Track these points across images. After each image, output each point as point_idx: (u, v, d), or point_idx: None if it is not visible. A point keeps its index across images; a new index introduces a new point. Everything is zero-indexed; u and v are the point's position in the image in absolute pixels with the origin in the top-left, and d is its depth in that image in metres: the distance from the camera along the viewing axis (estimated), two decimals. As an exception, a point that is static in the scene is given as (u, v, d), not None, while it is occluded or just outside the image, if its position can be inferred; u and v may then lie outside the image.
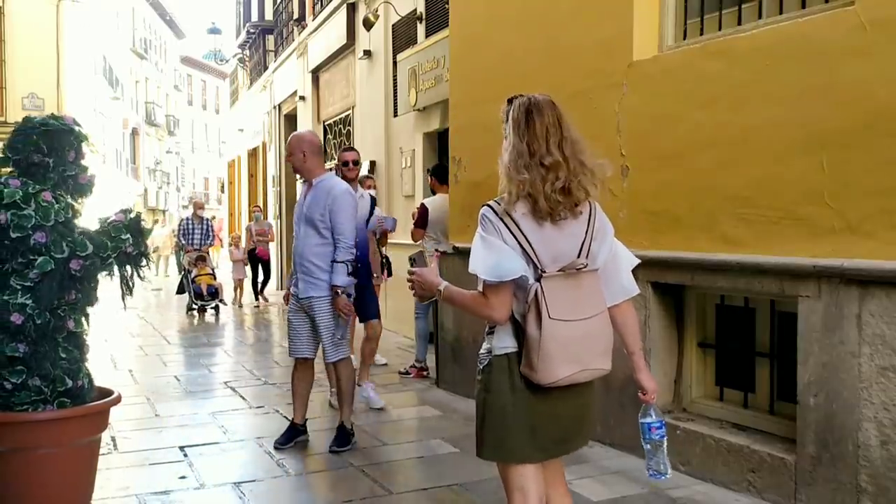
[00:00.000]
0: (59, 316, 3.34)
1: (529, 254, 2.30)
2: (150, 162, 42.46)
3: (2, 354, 3.23)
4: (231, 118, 25.63)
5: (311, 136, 5.06)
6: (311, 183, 4.79)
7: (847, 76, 3.43)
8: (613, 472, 4.23)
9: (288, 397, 5.90)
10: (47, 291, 3.26)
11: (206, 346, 9.38)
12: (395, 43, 9.96)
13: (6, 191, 3.23)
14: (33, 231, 3.23)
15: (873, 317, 3.32)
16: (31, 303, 3.23)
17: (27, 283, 3.25)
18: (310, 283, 4.72)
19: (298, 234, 4.79)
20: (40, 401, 3.30)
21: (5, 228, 3.21)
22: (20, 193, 3.24)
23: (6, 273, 3.26)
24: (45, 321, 3.26)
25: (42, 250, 3.26)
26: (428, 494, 4.04)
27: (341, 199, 4.69)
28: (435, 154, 9.05)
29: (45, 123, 3.42)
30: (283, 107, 16.86)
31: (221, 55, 21.72)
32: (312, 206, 4.71)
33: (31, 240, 3.24)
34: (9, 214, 3.21)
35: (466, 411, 5.68)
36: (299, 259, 4.76)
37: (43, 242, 3.26)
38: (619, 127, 4.59)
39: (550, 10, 5.23)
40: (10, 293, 3.22)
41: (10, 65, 21.17)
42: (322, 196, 4.69)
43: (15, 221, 3.21)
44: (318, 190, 4.73)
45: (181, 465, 4.55)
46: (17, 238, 3.21)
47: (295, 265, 4.83)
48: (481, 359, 2.42)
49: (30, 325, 3.23)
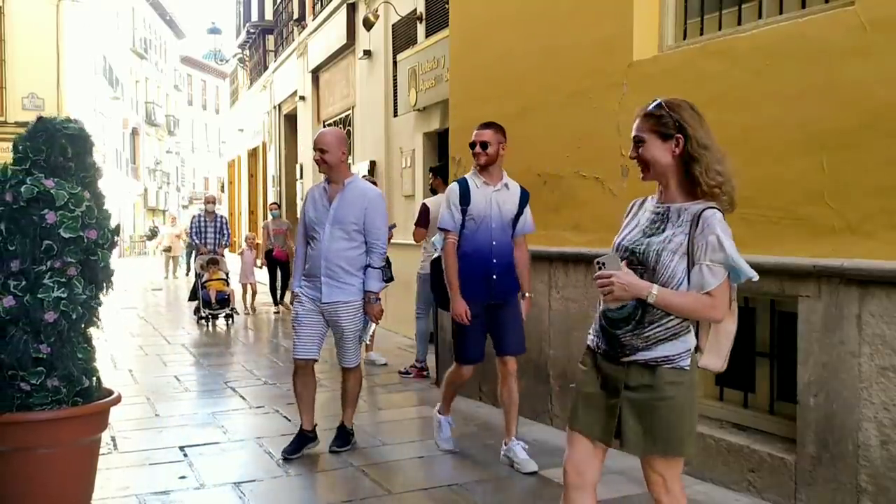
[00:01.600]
0: (92, 308, 3.43)
1: None
2: (150, 162, 42.50)
3: (26, 356, 3.23)
4: (231, 118, 25.66)
5: (344, 136, 4.84)
6: (343, 184, 4.59)
7: (847, 76, 3.43)
8: (614, 472, 4.22)
9: (288, 397, 5.89)
10: (104, 282, 3.47)
11: (206, 346, 9.38)
12: (395, 43, 9.96)
13: (56, 192, 3.28)
14: (84, 230, 3.33)
15: (873, 317, 3.32)
16: (66, 297, 3.27)
17: (63, 279, 3.29)
18: (336, 287, 4.54)
19: (321, 237, 4.54)
20: (57, 401, 3.31)
21: (51, 228, 3.26)
22: (66, 195, 3.30)
23: (40, 273, 3.28)
24: (79, 315, 3.33)
25: (93, 246, 3.38)
26: (428, 494, 4.04)
27: (377, 202, 4.59)
28: (435, 154, 9.05)
29: (67, 127, 3.48)
30: (283, 107, 16.87)
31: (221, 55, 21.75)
32: (345, 209, 4.52)
33: (84, 238, 3.33)
34: (59, 215, 3.26)
35: (466, 411, 5.68)
36: (324, 262, 4.53)
37: (94, 239, 3.37)
38: (619, 127, 4.59)
39: (550, 9, 5.23)
40: (44, 291, 3.25)
41: (10, 64, 21.20)
42: (357, 199, 4.54)
43: (66, 223, 3.27)
44: (350, 192, 4.56)
45: (181, 465, 4.55)
46: (69, 238, 3.28)
47: (315, 268, 4.58)
48: (681, 357, 2.42)
49: (63, 322, 3.28)
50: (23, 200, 3.25)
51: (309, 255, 4.63)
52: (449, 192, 4.48)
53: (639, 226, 2.50)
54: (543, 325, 5.29)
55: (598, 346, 2.53)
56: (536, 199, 5.28)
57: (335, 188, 4.60)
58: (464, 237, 4.42)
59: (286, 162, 16.78)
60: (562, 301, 5.16)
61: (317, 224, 4.58)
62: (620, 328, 2.41)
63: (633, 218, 2.57)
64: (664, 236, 2.40)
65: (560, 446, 4.68)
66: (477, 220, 4.39)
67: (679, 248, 2.37)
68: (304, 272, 4.66)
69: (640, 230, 2.48)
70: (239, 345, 9.63)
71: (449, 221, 4.43)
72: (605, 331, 2.47)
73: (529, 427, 5.18)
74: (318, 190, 4.69)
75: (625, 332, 2.40)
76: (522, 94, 5.47)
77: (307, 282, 4.64)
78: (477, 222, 4.39)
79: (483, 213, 4.39)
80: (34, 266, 3.27)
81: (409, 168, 9.53)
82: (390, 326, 9.77)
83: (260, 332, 10.79)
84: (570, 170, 5.06)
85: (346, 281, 4.54)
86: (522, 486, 4.15)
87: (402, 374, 7.12)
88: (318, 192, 4.68)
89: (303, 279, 4.68)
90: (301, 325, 4.63)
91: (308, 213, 4.65)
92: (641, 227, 2.49)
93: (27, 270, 3.26)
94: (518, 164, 5.49)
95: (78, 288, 3.34)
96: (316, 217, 4.60)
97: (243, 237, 15.16)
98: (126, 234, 38.00)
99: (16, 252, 3.26)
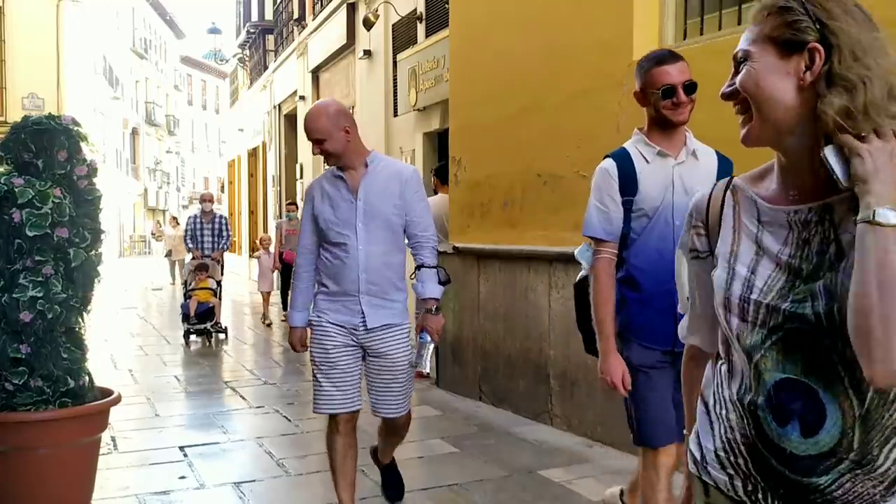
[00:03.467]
0: (71, 307, 3.38)
1: None
2: (150, 162, 42.52)
3: (4, 355, 3.23)
4: (231, 118, 25.64)
5: (339, 105, 3.51)
6: (364, 166, 3.38)
7: (847, 76, 3.42)
8: (614, 472, 4.23)
9: (288, 397, 5.90)
10: (85, 281, 3.39)
11: (206, 346, 9.37)
12: (395, 43, 9.96)
13: (20, 190, 3.23)
14: (52, 228, 3.27)
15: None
16: (42, 297, 3.24)
17: (39, 278, 3.26)
18: (381, 306, 3.37)
19: (353, 242, 3.33)
20: (42, 401, 3.30)
21: (19, 227, 3.22)
22: (32, 192, 3.24)
23: (15, 273, 3.26)
24: (56, 315, 3.29)
25: (65, 244, 3.31)
26: (428, 494, 4.04)
27: (416, 182, 3.44)
28: (435, 154, 9.05)
29: (38, 122, 3.42)
30: (283, 106, 16.86)
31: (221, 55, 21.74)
32: (380, 197, 3.35)
33: (54, 236, 3.28)
34: (24, 213, 3.22)
35: (466, 411, 5.68)
36: (363, 276, 3.32)
37: (66, 237, 3.31)
38: (620, 126, 4.59)
39: (550, 9, 5.23)
40: (20, 290, 3.23)
41: (10, 64, 21.18)
42: (391, 181, 3.37)
43: (32, 220, 3.23)
44: (377, 174, 3.38)
45: (181, 465, 4.55)
46: (35, 236, 3.23)
47: (347, 285, 3.35)
48: None
49: (39, 322, 3.25)
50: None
51: (332, 271, 3.38)
52: (598, 178, 2.82)
53: (772, 259, 1.24)
54: (543, 326, 5.29)
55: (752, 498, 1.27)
56: (536, 199, 5.29)
57: (354, 175, 3.38)
58: (629, 245, 2.80)
59: (286, 162, 16.77)
60: (562, 301, 5.16)
61: (342, 226, 3.35)
62: (820, 471, 1.19)
63: (740, 245, 1.29)
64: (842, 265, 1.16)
65: (560, 446, 4.71)
66: (651, 213, 2.76)
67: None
68: (326, 292, 3.42)
69: (783, 269, 1.22)
70: (239, 345, 9.62)
71: (598, 225, 2.79)
72: (779, 476, 1.22)
73: (529, 427, 5.18)
74: (329, 181, 3.43)
75: (834, 478, 1.18)
76: (522, 93, 5.47)
77: (330, 304, 3.40)
78: (651, 218, 2.76)
79: (659, 200, 2.74)
80: (8, 265, 3.26)
81: (409, 168, 9.52)
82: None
83: (260, 333, 10.78)
84: (570, 170, 5.06)
85: (394, 297, 3.41)
86: (522, 486, 4.14)
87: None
88: (331, 185, 3.42)
89: (323, 300, 3.43)
90: (334, 368, 3.35)
91: (323, 215, 3.39)
92: (784, 260, 1.23)
93: (2, 270, 3.25)
94: (518, 164, 5.50)
95: (56, 287, 3.28)
96: (339, 217, 3.36)
97: (243, 237, 14.93)
98: (126, 234, 38.02)
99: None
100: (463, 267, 6.14)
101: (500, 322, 5.72)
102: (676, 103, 2.69)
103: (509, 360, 5.61)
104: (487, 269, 5.87)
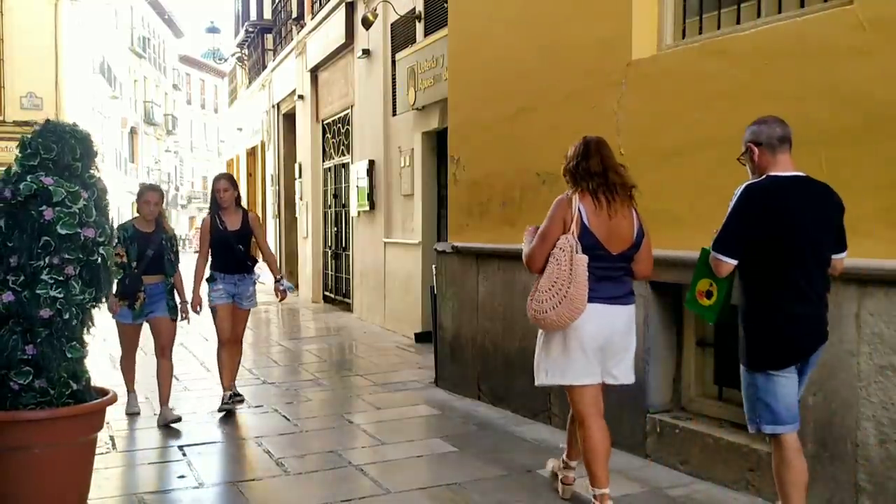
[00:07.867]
0: (87, 310, 3.44)
1: None
2: (148, 161, 42.44)
3: (13, 355, 3.25)
4: (230, 117, 25.62)
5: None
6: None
7: (845, 75, 3.43)
8: (613, 471, 4.23)
9: (287, 397, 5.88)
10: (104, 282, 3.48)
11: (205, 345, 9.37)
12: (394, 42, 9.95)
13: (54, 188, 3.31)
14: (81, 227, 3.34)
15: (872, 316, 3.32)
16: (62, 297, 3.29)
17: (61, 277, 3.30)
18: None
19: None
20: (45, 402, 3.32)
21: (49, 225, 3.28)
22: (64, 192, 3.33)
23: (37, 269, 3.30)
24: (72, 316, 3.34)
25: (91, 245, 3.38)
26: (427, 493, 4.04)
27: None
28: (434, 153, 9.05)
29: (76, 131, 3.56)
30: (282, 106, 16.85)
31: (220, 54, 21.70)
32: None
33: (81, 236, 3.34)
34: (56, 211, 3.29)
35: (465, 410, 5.68)
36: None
37: (92, 238, 3.38)
38: (618, 126, 4.59)
39: (549, 9, 5.23)
40: (42, 287, 3.27)
41: (9, 64, 21.16)
42: None
43: (64, 219, 3.29)
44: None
45: (180, 464, 4.55)
46: (66, 235, 3.30)
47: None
48: None
49: (58, 320, 3.30)
50: (21, 197, 3.28)
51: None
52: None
53: None
54: (542, 325, 5.28)
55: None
56: (535, 198, 5.28)
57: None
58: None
59: (285, 161, 16.76)
60: (561, 300, 5.15)
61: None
62: None
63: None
64: None
65: (559, 445, 4.70)
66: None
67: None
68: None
69: None
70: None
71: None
72: None
73: (528, 426, 5.19)
74: None
75: None
76: (521, 93, 5.47)
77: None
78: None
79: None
80: (31, 262, 3.29)
81: (407, 167, 9.52)
82: (390, 326, 9.78)
83: (259, 332, 10.77)
84: (569, 169, 5.06)
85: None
86: (522, 486, 4.14)
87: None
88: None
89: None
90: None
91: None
92: None
93: (24, 266, 3.28)
94: (516, 164, 5.50)
95: (75, 289, 3.35)
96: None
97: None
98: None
99: (14, 248, 3.29)
100: (462, 266, 6.14)
101: (499, 321, 5.72)
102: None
103: (508, 359, 5.61)
104: (486, 268, 5.87)
